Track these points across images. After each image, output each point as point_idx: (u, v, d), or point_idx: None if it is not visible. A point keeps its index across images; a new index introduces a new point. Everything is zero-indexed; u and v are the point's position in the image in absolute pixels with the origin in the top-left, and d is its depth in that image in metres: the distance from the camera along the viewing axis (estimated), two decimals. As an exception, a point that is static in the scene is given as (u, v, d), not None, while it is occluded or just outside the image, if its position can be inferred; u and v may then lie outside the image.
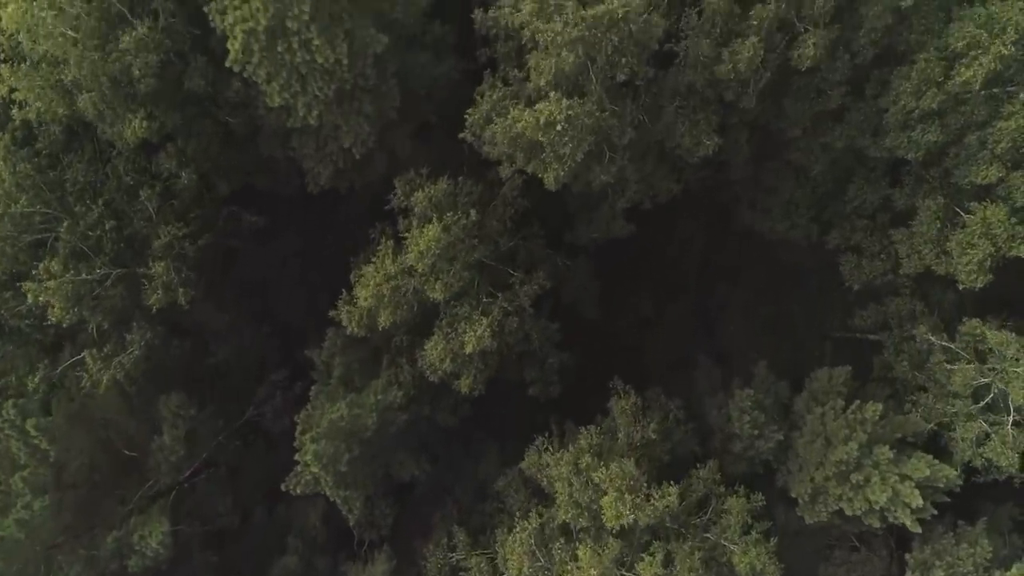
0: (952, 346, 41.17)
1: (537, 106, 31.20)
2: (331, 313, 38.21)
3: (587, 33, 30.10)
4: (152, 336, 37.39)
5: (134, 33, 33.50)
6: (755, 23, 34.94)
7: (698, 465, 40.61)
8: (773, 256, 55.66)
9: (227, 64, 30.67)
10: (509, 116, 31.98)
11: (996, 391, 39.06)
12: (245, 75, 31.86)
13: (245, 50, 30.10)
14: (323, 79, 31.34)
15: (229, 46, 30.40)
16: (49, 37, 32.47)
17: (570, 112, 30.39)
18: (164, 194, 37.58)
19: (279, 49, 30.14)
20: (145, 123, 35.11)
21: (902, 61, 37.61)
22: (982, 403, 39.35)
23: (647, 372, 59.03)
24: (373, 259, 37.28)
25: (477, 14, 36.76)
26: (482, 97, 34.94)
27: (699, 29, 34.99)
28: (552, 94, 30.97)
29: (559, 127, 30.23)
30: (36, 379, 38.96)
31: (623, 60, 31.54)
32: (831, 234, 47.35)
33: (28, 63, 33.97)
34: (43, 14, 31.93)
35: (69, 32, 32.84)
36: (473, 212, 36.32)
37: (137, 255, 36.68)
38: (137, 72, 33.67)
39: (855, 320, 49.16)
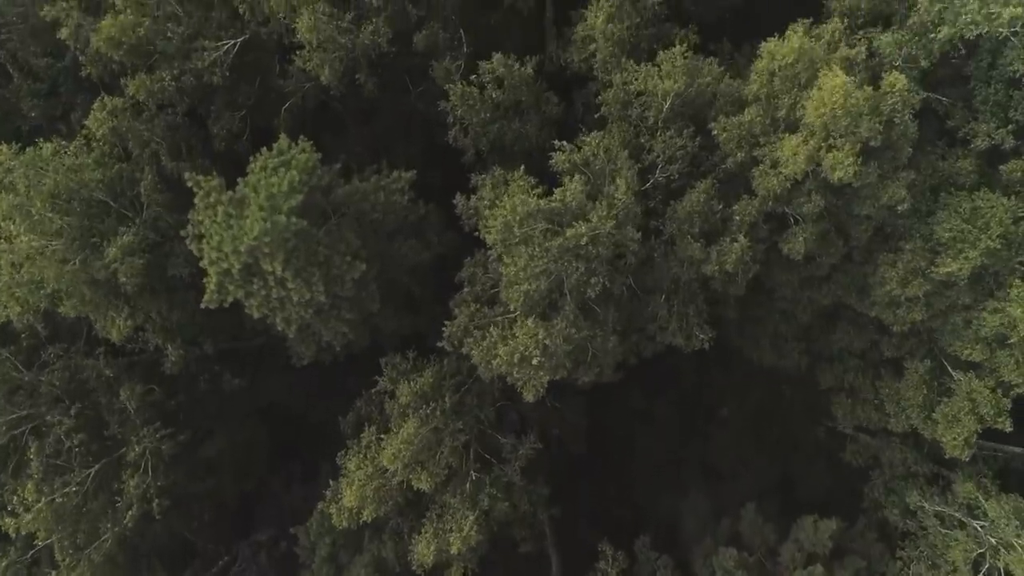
0: (946, 510, 41.20)
1: (515, 333, 31.08)
2: (320, 505, 38.48)
3: (553, 264, 29.92)
4: (127, 524, 37.32)
5: (119, 241, 33.44)
6: (738, 218, 34.69)
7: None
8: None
9: (202, 305, 30.58)
10: (485, 340, 31.93)
11: (991, 563, 39.12)
12: (222, 298, 31.74)
13: (220, 290, 30.03)
14: (300, 305, 31.23)
15: (205, 283, 30.35)
16: (28, 258, 32.41)
17: (546, 343, 30.27)
18: (144, 376, 37.53)
19: (254, 287, 30.09)
20: (129, 322, 35.14)
21: (889, 240, 37.37)
22: (980, 574, 39.42)
23: (638, 476, 59.36)
24: (357, 444, 37.45)
25: (459, 200, 36.72)
26: (460, 296, 34.92)
27: (680, 226, 34.67)
28: (528, 322, 30.84)
29: (535, 361, 30.18)
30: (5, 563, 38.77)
31: (593, 279, 31.29)
32: (822, 368, 47.28)
33: (6, 276, 33.81)
34: (22, 238, 31.88)
35: (50, 246, 32.78)
36: (448, 399, 36.36)
37: (112, 448, 36.65)
38: (124, 278, 33.62)
39: (845, 455, 49.29)
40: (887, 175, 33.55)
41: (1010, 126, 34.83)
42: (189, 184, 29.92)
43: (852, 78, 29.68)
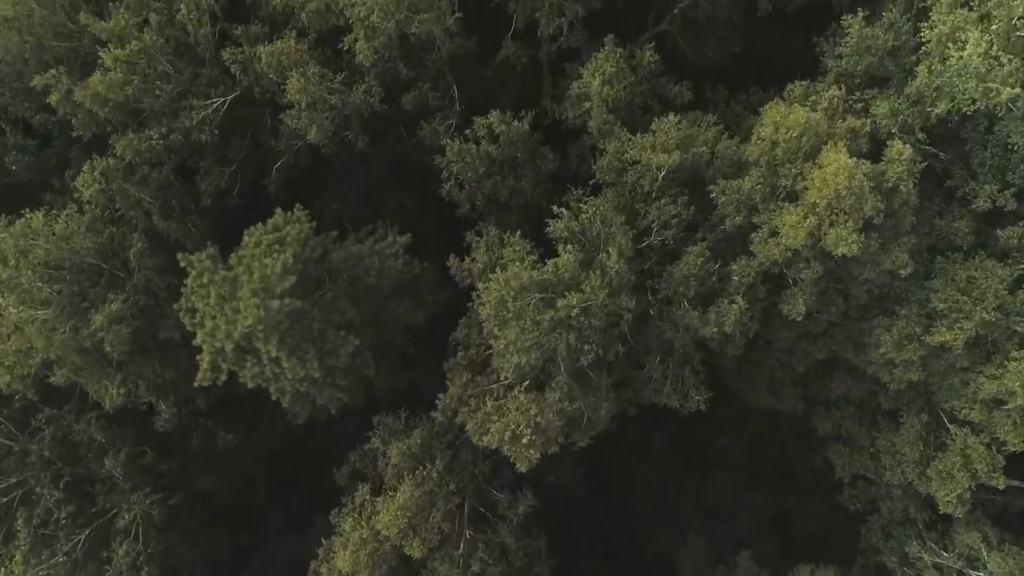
0: (945, 562, 41.12)
1: (508, 405, 30.92)
2: (313, 564, 38.37)
3: (544, 338, 29.69)
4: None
5: (106, 309, 33.10)
6: (736, 279, 34.38)
7: None
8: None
9: (196, 383, 30.30)
10: (479, 411, 31.77)
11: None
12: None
13: (214, 368, 29.77)
14: (294, 377, 30.98)
15: (199, 359, 30.08)
16: (16, 329, 32.11)
17: (538, 420, 30.09)
18: (136, 435, 37.22)
19: (248, 364, 29.84)
20: (122, 389, 34.89)
21: (884, 301, 37.13)
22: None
23: (637, 511, 59.16)
24: (351, 502, 37.29)
25: (452, 262, 36.44)
26: (454, 361, 34.74)
27: (676, 289, 34.41)
28: (520, 396, 30.66)
29: (525, 440, 30.05)
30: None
31: (586, 347, 31.05)
32: (819, 414, 47.13)
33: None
34: (10, 310, 31.55)
35: (38, 315, 32.45)
36: (440, 458, 36.16)
37: (102, 513, 36.44)
38: (110, 347, 33.32)
39: (843, 498, 49.15)
40: (889, 241, 33.27)
41: (1012, 188, 34.51)
42: (182, 264, 29.53)
43: (855, 159, 29.25)
